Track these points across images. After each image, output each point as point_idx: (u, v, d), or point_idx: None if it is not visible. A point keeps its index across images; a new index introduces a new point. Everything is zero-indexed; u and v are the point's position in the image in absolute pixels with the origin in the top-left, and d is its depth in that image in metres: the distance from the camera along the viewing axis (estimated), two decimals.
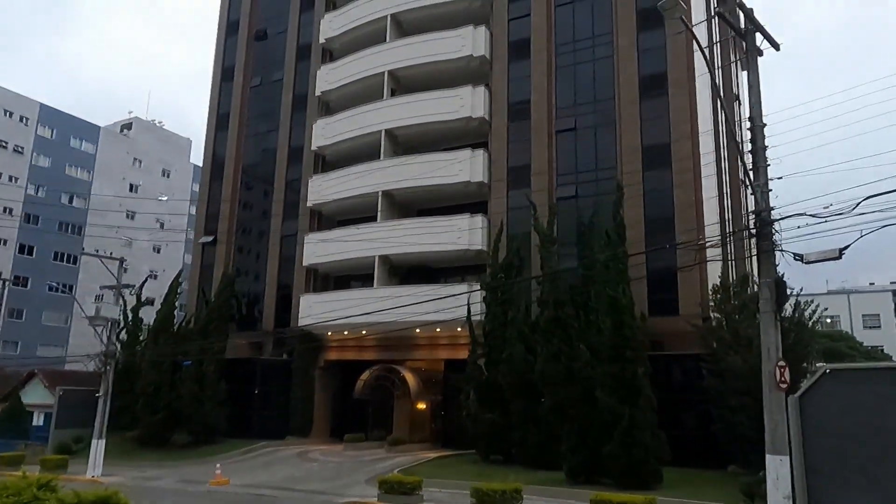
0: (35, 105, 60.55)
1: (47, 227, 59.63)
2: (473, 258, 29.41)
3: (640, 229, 25.26)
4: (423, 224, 29.79)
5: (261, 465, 26.18)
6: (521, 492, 14.41)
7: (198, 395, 30.43)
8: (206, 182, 39.31)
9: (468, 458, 24.35)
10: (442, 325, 28.60)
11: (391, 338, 30.80)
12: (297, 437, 31.55)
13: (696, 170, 25.49)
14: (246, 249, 37.38)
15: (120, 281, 26.70)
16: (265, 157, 37.22)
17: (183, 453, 29.77)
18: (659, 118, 26.46)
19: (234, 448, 29.21)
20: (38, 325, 57.55)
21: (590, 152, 28.08)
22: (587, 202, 27.05)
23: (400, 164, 30.87)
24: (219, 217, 37.84)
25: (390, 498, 16.55)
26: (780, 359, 9.90)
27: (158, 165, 70.36)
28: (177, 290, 34.48)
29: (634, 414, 16.88)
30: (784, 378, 9.80)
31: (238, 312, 35.28)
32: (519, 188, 29.14)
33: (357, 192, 31.78)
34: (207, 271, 37.67)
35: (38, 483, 12.42)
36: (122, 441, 31.32)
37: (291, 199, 35.48)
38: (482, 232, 28.86)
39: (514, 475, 20.20)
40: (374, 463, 25.55)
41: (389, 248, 30.04)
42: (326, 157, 35.12)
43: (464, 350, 29.17)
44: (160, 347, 31.45)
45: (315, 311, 30.92)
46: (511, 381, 22.04)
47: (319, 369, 32.92)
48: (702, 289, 24.49)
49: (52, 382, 37.49)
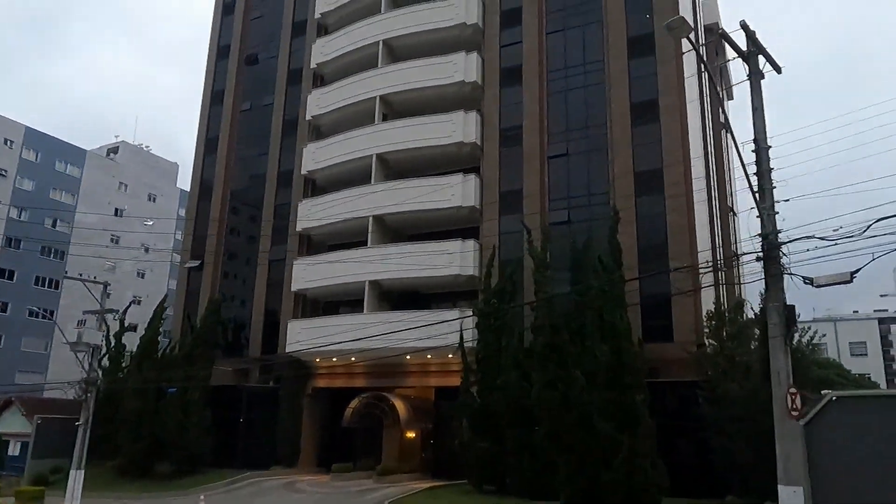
0: (20, 128, 59.92)
1: (29, 251, 58.59)
2: (465, 284, 29.11)
3: (634, 254, 25.11)
4: (414, 249, 29.49)
5: (246, 497, 25.39)
6: None
7: (182, 422, 29.62)
8: (194, 206, 38.85)
9: (460, 489, 23.76)
10: (433, 352, 28.09)
11: (381, 365, 30.27)
12: (283, 467, 30.73)
13: (688, 195, 25.50)
14: (233, 274, 36.83)
15: (103, 305, 26.03)
16: (254, 181, 36.89)
17: (165, 484, 28.84)
18: (651, 143, 26.53)
19: (219, 478, 28.36)
20: (16, 351, 56.20)
21: (582, 177, 28.06)
22: (580, 227, 26.90)
23: (391, 189, 30.66)
24: (206, 241, 37.31)
25: None
26: (791, 385, 9.64)
27: (145, 190, 69.68)
28: (161, 315, 33.78)
29: (634, 442, 16.50)
30: (796, 405, 9.53)
31: (224, 338, 34.58)
32: (511, 213, 29.00)
33: (347, 217, 31.47)
34: (193, 296, 37.01)
35: None
36: (102, 471, 30.34)
37: (280, 223, 35.09)
38: (474, 257, 28.61)
39: None
40: (363, 494, 24.87)
41: (380, 273, 29.68)
42: (316, 182, 34.85)
43: (455, 377, 28.71)
44: (144, 374, 30.65)
45: (303, 338, 30.33)
46: (506, 409, 21.60)
47: (307, 397, 32.23)
48: (696, 315, 24.32)
49: (30, 411, 36.40)
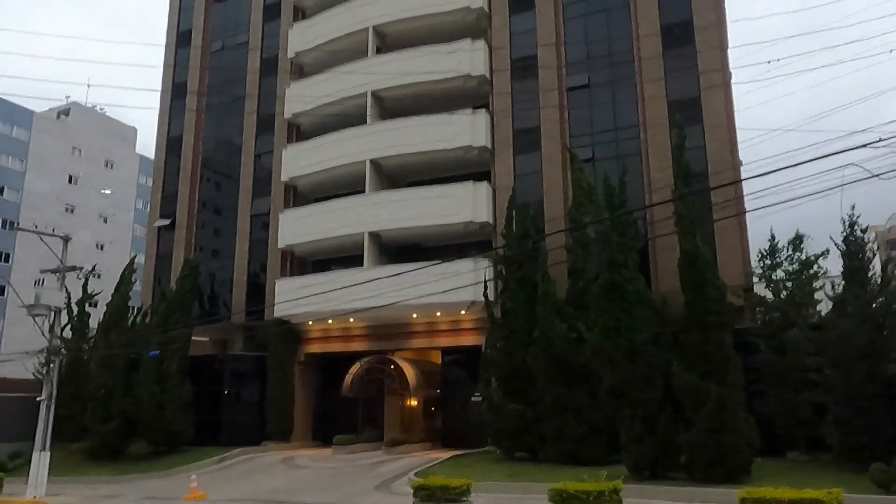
0: None
1: None
2: (475, 233, 26.13)
3: (668, 194, 22.43)
4: (420, 194, 26.34)
5: (240, 476, 22.27)
6: (621, 492, 11.20)
7: (158, 398, 26.22)
8: (162, 158, 34.81)
9: (488, 457, 21.06)
10: (443, 309, 25.26)
11: (382, 325, 27.36)
12: (276, 442, 27.62)
13: (729, 122, 22.89)
14: (209, 233, 33.11)
15: (64, 262, 22.33)
16: (230, 128, 33.03)
17: (143, 465, 25.51)
18: (685, 68, 23.76)
19: (205, 457, 25.16)
20: None
21: (607, 110, 25.19)
22: (606, 165, 24.01)
23: (390, 129, 27.35)
24: (177, 198, 33.45)
25: None
26: None
27: (101, 155, 64.49)
28: (130, 278, 30.02)
29: (723, 392, 13.88)
30: None
31: (201, 305, 31.00)
32: (527, 153, 26.05)
33: (340, 163, 28.09)
34: (165, 260, 33.23)
35: None
36: (68, 455, 26.84)
37: (262, 174, 31.47)
38: (487, 202, 25.61)
39: (556, 473, 17.05)
40: (376, 467, 22.00)
41: (380, 223, 26.50)
42: (302, 127, 31.24)
43: (469, 336, 26.01)
44: (112, 344, 27.04)
45: (293, 298, 27.00)
46: (545, 365, 18.83)
47: (299, 364, 29.03)
48: (744, 257, 21.87)
49: None
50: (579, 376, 18.63)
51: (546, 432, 19.23)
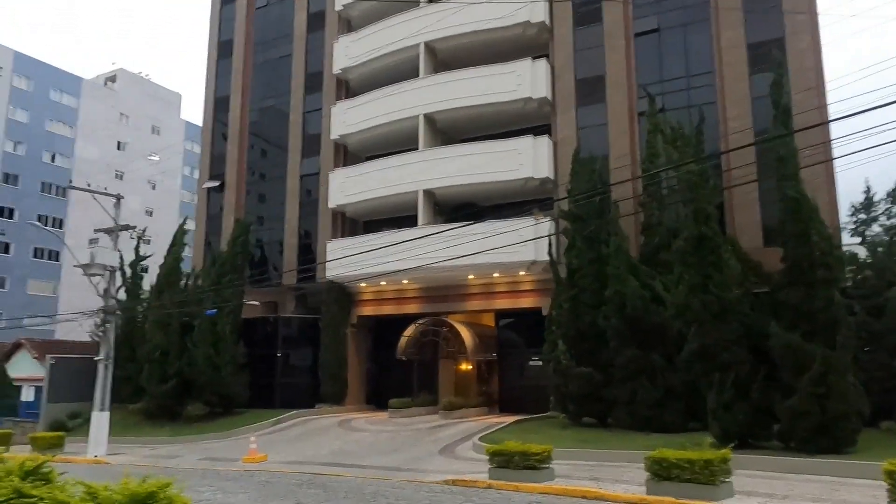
0: (9, 52, 54.68)
1: (29, 189, 54.34)
2: (534, 190, 24.88)
3: (751, 147, 20.76)
4: (476, 150, 25.11)
5: (297, 438, 21.87)
6: (730, 461, 10.10)
7: (213, 359, 26.01)
8: (209, 120, 34.24)
9: (550, 423, 20.13)
10: (501, 269, 24.24)
11: (436, 287, 26.53)
12: (329, 405, 27.27)
13: (817, 66, 20.96)
14: (259, 194, 32.57)
15: (117, 221, 21.97)
16: (277, 86, 32.14)
17: (199, 427, 25.42)
18: (767, 8, 21.80)
19: (261, 419, 24.89)
20: (22, 294, 52.61)
21: (678, 56, 23.43)
22: (676, 116, 22.35)
23: (444, 82, 26.08)
24: (225, 159, 32.94)
25: (506, 474, 12.23)
26: None
27: (147, 122, 64.77)
28: (182, 239, 29.76)
29: (829, 355, 12.56)
30: None
31: (252, 267, 30.61)
32: (590, 105, 24.55)
33: (392, 119, 26.99)
34: (215, 222, 32.90)
35: (22, 469, 7.87)
36: (125, 415, 26.99)
37: (311, 132, 30.62)
38: (548, 157, 24.27)
39: (630, 439, 16.04)
40: (435, 431, 21.32)
41: (434, 180, 25.43)
42: (351, 83, 30.18)
43: (528, 297, 25.01)
44: (166, 305, 26.88)
45: (345, 260, 26.25)
46: (617, 326, 17.69)
47: (351, 327, 28.47)
48: (832, 209, 20.15)
49: (40, 352, 32.98)
50: (655, 338, 17.47)
51: (617, 397, 18.18)
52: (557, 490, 11.39)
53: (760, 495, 10.22)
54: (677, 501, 9.76)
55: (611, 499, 10.61)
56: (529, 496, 11.20)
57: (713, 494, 9.73)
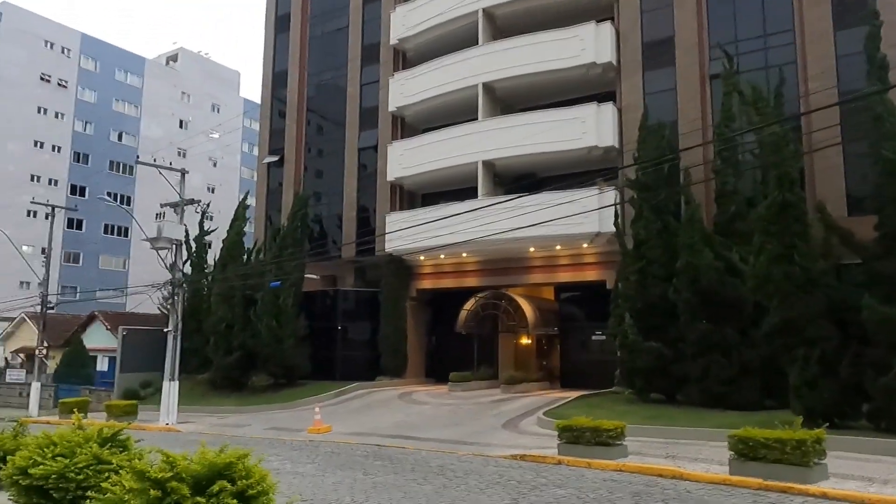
0: (76, 35, 56.41)
1: (98, 167, 56.28)
2: (598, 160, 24.00)
3: (835, 109, 19.36)
4: (538, 119, 24.35)
5: (359, 410, 22.02)
6: (824, 442, 9.45)
7: (276, 332, 26.38)
8: (268, 94, 34.44)
9: (616, 399, 19.57)
10: (564, 241, 23.60)
11: (496, 260, 26.10)
12: (389, 378, 27.38)
13: None
14: (317, 168, 32.67)
15: (183, 195, 22.33)
16: (334, 59, 31.95)
17: (264, 397, 25.97)
18: None
19: (323, 390, 25.18)
20: (95, 269, 54.83)
21: (753, 14, 22.03)
22: (753, 77, 20.99)
23: (503, 49, 25.34)
24: (284, 134, 33.11)
25: (577, 450, 11.85)
26: None
27: (207, 100, 66.02)
28: (244, 214, 30.19)
29: None
30: None
31: (311, 241, 30.82)
32: (657, 68, 23.44)
33: (450, 89, 26.44)
34: (275, 196, 33.24)
35: (100, 436, 7.93)
36: (193, 385, 27.77)
37: (368, 105, 30.39)
38: (613, 125, 23.36)
39: (701, 416, 15.39)
40: (497, 405, 21.07)
41: (494, 150, 24.86)
42: (408, 54, 29.74)
43: (590, 270, 24.37)
44: (229, 278, 27.37)
45: (405, 233, 26.07)
46: (689, 299, 16.93)
47: (410, 300, 28.41)
48: None
49: (113, 324, 34.34)
50: (729, 311, 16.65)
51: (688, 373, 17.48)
52: (632, 467, 10.95)
53: (857, 479, 9.53)
54: (765, 483, 9.19)
55: (690, 478, 10.10)
56: (603, 473, 10.80)
57: (805, 477, 9.10)
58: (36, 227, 47.06)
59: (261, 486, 4.97)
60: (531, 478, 10.45)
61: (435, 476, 10.69)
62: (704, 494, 9.01)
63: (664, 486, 9.61)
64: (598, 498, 8.86)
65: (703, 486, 9.62)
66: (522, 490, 9.48)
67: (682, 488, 9.46)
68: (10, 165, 50.97)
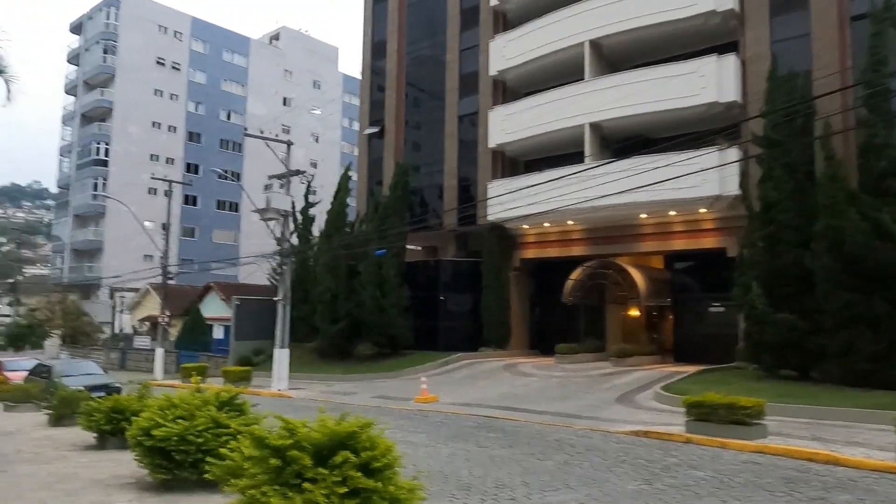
0: (187, 19, 58.91)
1: (209, 145, 58.90)
2: (718, 117, 22.11)
3: None
4: (649, 76, 22.75)
5: (464, 380, 21.70)
6: None
7: (379, 301, 26.51)
8: (368, 65, 34.42)
9: (739, 374, 18.16)
10: (678, 206, 22.07)
11: (604, 228, 24.90)
12: (492, 349, 26.97)
13: None
14: (417, 137, 32.40)
15: (289, 166, 22.60)
16: (433, 25, 31.37)
17: (368, 366, 26.25)
18: None
19: (427, 360, 25.11)
20: (209, 243, 57.75)
21: None
22: None
23: (611, 2, 23.78)
24: (384, 105, 33.01)
25: (707, 428, 10.85)
26: None
27: (308, 77, 67.44)
28: (347, 185, 30.45)
29: None
30: None
31: (412, 212, 30.68)
32: (786, 13, 21.21)
33: (554, 48, 25.24)
34: (376, 167, 33.33)
35: (218, 399, 7.84)
36: (302, 353, 28.46)
37: (468, 70, 29.66)
38: (735, 78, 21.42)
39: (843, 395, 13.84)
40: (607, 378, 20.13)
41: (603, 112, 23.51)
42: (508, 15, 28.67)
43: (708, 237, 22.74)
44: (334, 249, 27.72)
45: (508, 201, 25.29)
46: (830, 266, 15.24)
47: (514, 270, 27.74)
48: None
49: (227, 294, 35.88)
50: (878, 280, 14.86)
51: (827, 347, 15.84)
52: (775, 449, 9.85)
53: None
54: None
55: (847, 463, 8.92)
56: (741, 455, 9.78)
57: None
58: (156, 203, 49.92)
59: (386, 459, 4.51)
60: (659, 456, 9.62)
61: (554, 452, 10.07)
62: (872, 483, 7.87)
63: (818, 472, 8.51)
64: (744, 482, 7.93)
65: (866, 473, 8.45)
66: (654, 470, 8.68)
67: (841, 475, 8.33)
68: (132, 146, 54.28)
